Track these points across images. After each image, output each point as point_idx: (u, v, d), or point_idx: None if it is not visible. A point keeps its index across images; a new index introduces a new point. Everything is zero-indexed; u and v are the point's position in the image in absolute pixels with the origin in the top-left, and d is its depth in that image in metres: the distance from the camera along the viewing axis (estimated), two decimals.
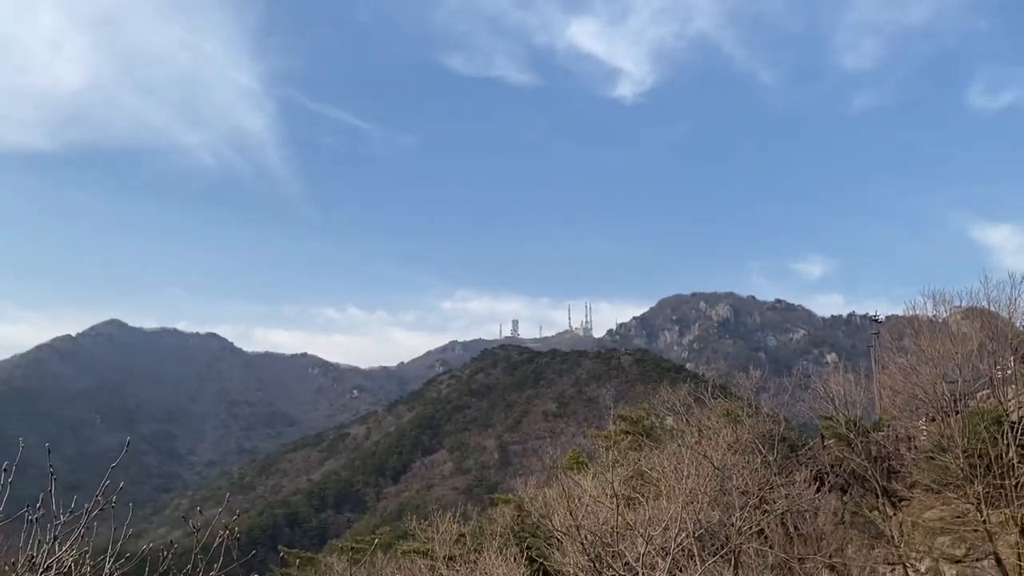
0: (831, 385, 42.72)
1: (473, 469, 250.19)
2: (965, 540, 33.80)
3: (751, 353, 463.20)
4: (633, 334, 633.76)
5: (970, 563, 33.77)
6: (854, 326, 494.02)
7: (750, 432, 36.34)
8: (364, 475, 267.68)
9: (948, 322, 44.81)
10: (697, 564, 24.50)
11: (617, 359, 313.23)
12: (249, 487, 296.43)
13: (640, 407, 58.33)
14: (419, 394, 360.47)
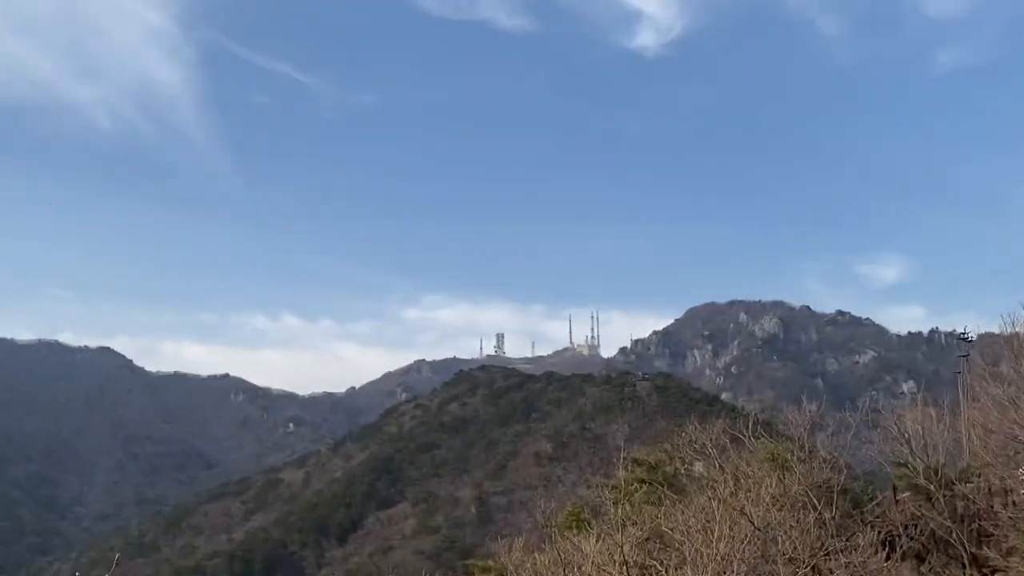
0: (907, 422, 43.02)
1: (443, 527, 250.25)
2: None
3: (805, 379, 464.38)
4: (653, 353, 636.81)
5: None
6: (937, 346, 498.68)
7: (801, 482, 36.54)
8: (302, 534, 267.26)
9: None
10: None
11: (632, 386, 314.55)
12: (152, 548, 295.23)
13: (660, 448, 58.59)
14: (374, 429, 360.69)
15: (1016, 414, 39.04)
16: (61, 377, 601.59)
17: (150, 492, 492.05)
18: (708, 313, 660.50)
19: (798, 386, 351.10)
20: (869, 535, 34.51)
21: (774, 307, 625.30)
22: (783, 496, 34.16)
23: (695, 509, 32.24)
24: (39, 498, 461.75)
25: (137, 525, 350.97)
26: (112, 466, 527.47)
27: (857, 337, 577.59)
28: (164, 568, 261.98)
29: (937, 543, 41.59)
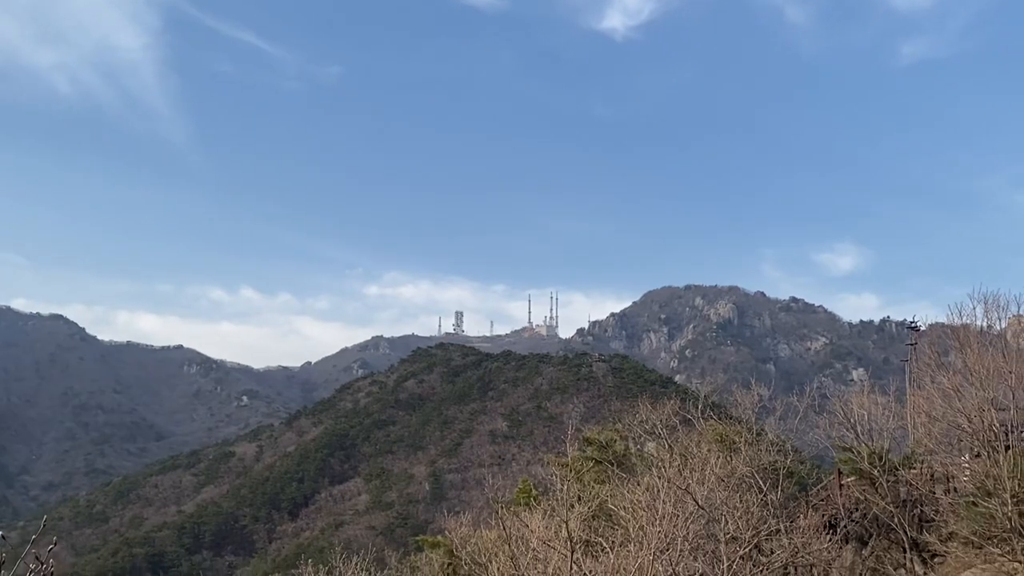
0: (853, 408, 43.46)
1: (396, 504, 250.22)
2: None
3: (758, 364, 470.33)
4: (610, 335, 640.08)
5: None
6: (888, 335, 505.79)
7: (748, 464, 36.90)
8: (253, 507, 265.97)
9: (1004, 334, 45.88)
10: None
11: (588, 366, 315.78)
12: (100, 518, 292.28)
13: (612, 428, 58.90)
14: (329, 404, 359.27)
15: (960, 403, 39.64)
16: (12, 344, 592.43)
17: (100, 462, 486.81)
18: (665, 297, 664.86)
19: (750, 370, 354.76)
20: (812, 517, 34.95)
21: (729, 292, 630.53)
22: (729, 476, 34.46)
23: (642, 487, 32.42)
24: None
25: (86, 495, 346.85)
26: (62, 435, 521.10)
27: (810, 324, 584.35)
28: (113, 538, 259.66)
29: (879, 527, 42.19)
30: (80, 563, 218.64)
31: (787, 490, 40.16)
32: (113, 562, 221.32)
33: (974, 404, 38.13)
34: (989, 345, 41.84)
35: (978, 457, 38.45)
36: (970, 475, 38.69)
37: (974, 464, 38.65)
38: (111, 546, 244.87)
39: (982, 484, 34.25)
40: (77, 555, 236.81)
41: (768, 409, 53.99)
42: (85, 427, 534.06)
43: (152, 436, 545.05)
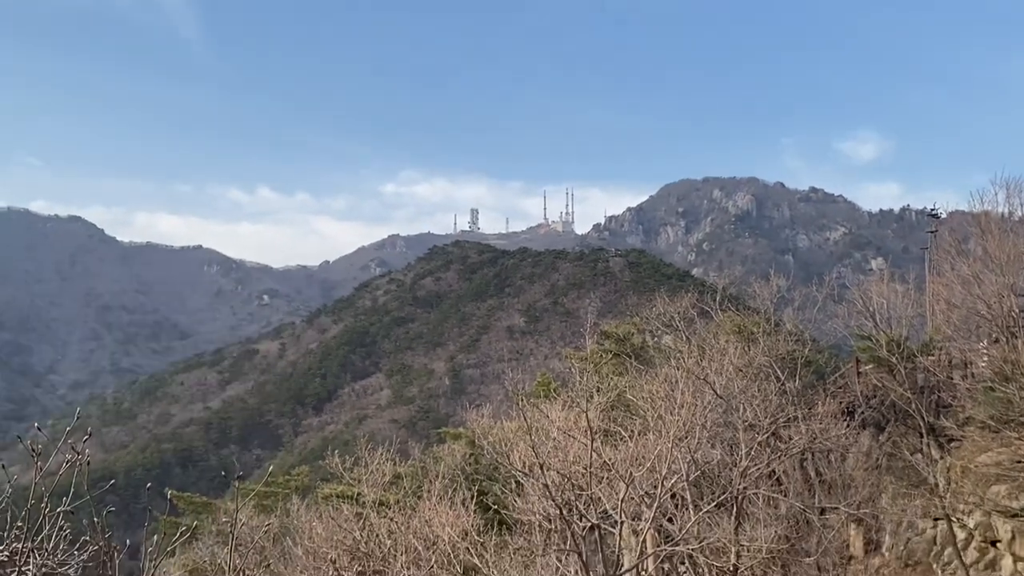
0: (872, 296, 43.39)
1: (417, 398, 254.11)
2: None
3: (776, 256, 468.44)
4: (627, 230, 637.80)
5: None
6: (908, 224, 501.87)
7: (766, 354, 37.08)
8: (277, 403, 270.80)
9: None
10: (690, 513, 25.33)
11: (604, 261, 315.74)
12: (128, 416, 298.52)
13: (629, 321, 59.11)
14: (349, 302, 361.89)
15: (980, 289, 39.52)
16: (32, 247, 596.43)
17: (125, 361, 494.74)
18: (683, 190, 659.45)
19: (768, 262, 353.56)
20: (830, 405, 35.25)
21: (748, 183, 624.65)
22: (747, 367, 34.68)
23: (660, 378, 32.70)
24: (13, 366, 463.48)
25: (113, 393, 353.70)
26: (86, 335, 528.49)
27: (829, 214, 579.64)
28: (141, 435, 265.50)
29: (897, 413, 42.57)
30: (110, 459, 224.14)
31: (805, 379, 40.46)
32: (143, 458, 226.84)
33: (994, 290, 38.00)
34: (1010, 231, 41.48)
35: (996, 343, 38.50)
36: (988, 360, 38.83)
37: (992, 350, 38.74)
38: (140, 442, 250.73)
39: (1000, 369, 34.37)
40: (107, 452, 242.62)
41: (786, 300, 54.01)
42: (109, 327, 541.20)
43: (176, 335, 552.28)
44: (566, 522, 22.93)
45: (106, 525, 7.24)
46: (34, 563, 7.48)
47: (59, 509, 7.67)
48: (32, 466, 7.60)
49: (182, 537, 7.99)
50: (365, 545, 28.68)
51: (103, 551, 7.30)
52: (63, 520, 7.84)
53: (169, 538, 8.13)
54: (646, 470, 23.13)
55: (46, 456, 7.75)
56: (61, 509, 7.67)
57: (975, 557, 37.13)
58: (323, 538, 31.07)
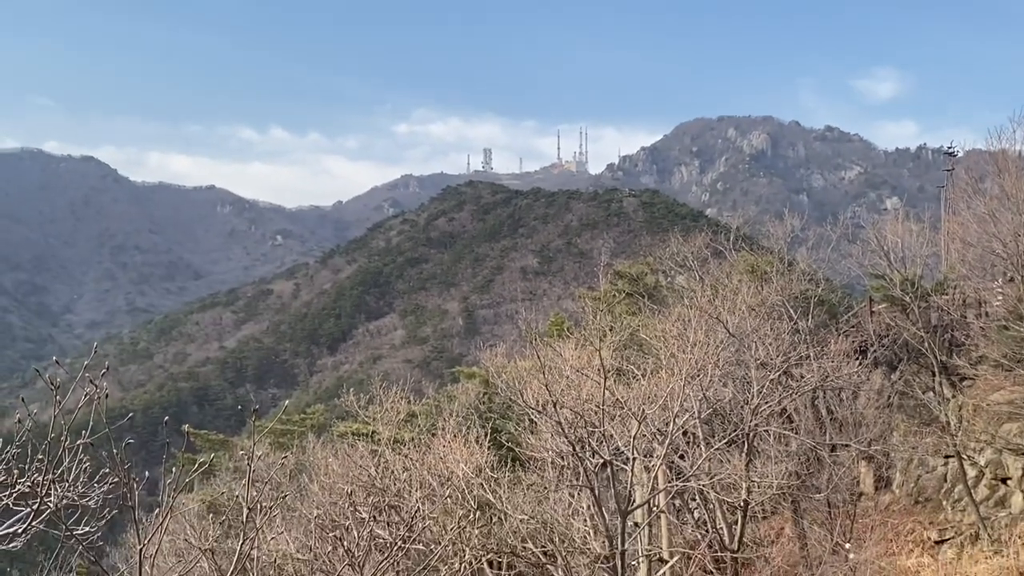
0: (887, 235, 43.19)
1: (431, 338, 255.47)
2: None
3: (790, 195, 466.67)
4: (640, 170, 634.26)
5: None
6: (924, 163, 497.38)
7: (779, 293, 37.04)
8: (293, 343, 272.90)
9: None
10: (702, 450, 25.54)
11: (618, 202, 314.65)
12: (145, 355, 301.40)
13: (643, 262, 59.08)
14: (362, 242, 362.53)
15: (995, 228, 39.26)
16: (45, 187, 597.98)
17: (140, 301, 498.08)
18: (697, 129, 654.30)
19: (783, 202, 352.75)
20: (843, 343, 35.27)
21: (763, 122, 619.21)
22: (760, 306, 34.67)
23: (673, 317, 32.75)
24: (29, 306, 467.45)
25: (129, 333, 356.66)
26: (101, 275, 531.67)
27: (844, 153, 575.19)
28: (158, 374, 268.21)
29: (909, 352, 42.65)
30: (127, 398, 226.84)
31: (818, 318, 40.42)
32: (160, 396, 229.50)
33: (1010, 229, 37.73)
34: None
35: (1011, 282, 38.40)
36: (1002, 299, 38.78)
37: (1007, 288, 38.67)
38: (157, 381, 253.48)
39: (1014, 308, 34.35)
40: (124, 390, 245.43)
41: (800, 240, 53.85)
42: (124, 267, 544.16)
43: (190, 275, 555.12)
44: (579, 459, 23.16)
45: (125, 457, 7.36)
46: (55, 494, 7.61)
47: (79, 442, 7.79)
48: (51, 403, 7.70)
49: (200, 469, 8.12)
50: (380, 481, 29.06)
51: (123, 482, 7.43)
52: (83, 453, 7.96)
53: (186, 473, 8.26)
54: (658, 408, 23.28)
55: (65, 391, 7.84)
56: (81, 442, 7.79)
57: (985, 494, 37.44)
58: (339, 474, 31.48)
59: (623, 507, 21.40)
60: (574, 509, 24.30)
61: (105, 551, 45.84)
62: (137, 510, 7.43)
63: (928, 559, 35.40)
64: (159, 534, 7.86)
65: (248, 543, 7.58)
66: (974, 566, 32.62)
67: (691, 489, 30.83)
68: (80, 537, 7.75)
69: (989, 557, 33.18)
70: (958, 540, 36.15)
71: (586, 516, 24.03)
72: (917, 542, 37.55)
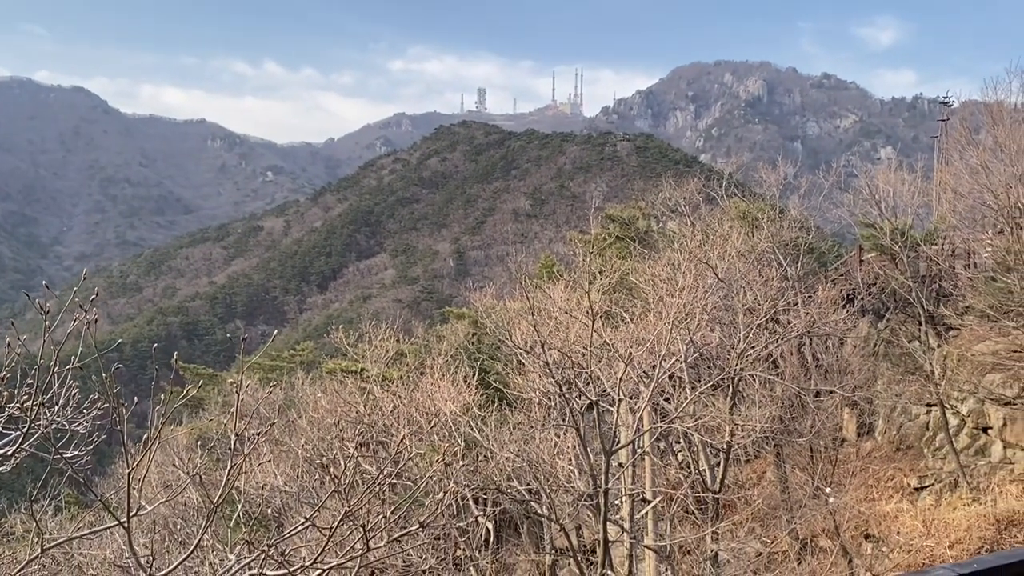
0: (879, 184, 43.15)
1: (421, 278, 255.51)
2: (1019, 379, 35.75)
3: (785, 143, 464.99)
4: (635, 113, 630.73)
5: (1022, 405, 35.95)
6: (920, 113, 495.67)
7: (769, 240, 37.13)
8: (283, 280, 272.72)
9: None
10: (687, 393, 25.79)
11: (612, 145, 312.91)
12: (134, 288, 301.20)
13: (635, 206, 59.03)
14: (353, 181, 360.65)
15: (987, 179, 39.27)
16: (34, 116, 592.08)
17: (130, 234, 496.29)
18: (693, 73, 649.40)
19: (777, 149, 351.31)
20: (830, 291, 35.48)
21: (760, 68, 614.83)
22: (750, 252, 34.77)
23: (663, 262, 32.87)
24: (19, 236, 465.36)
25: (119, 266, 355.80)
26: (91, 207, 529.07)
27: (840, 101, 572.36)
28: (147, 308, 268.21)
29: (897, 301, 42.85)
30: (117, 331, 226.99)
31: (807, 265, 40.58)
32: (149, 330, 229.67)
33: (1001, 180, 37.75)
34: (1022, 121, 41.03)
35: (1001, 233, 38.50)
36: (991, 251, 38.91)
37: (996, 240, 38.78)
38: (146, 315, 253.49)
39: (1003, 259, 34.49)
40: (113, 323, 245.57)
41: (792, 187, 53.85)
42: (113, 200, 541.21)
43: (180, 209, 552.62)
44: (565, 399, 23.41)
45: (114, 382, 7.41)
46: (44, 419, 7.68)
47: (68, 367, 7.83)
48: (41, 333, 7.71)
49: (187, 395, 8.18)
50: (368, 417, 29.35)
51: (112, 408, 7.49)
52: (72, 380, 8.00)
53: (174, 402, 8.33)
54: (645, 351, 23.47)
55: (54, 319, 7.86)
56: (70, 367, 7.83)
57: (966, 443, 37.93)
58: (327, 410, 31.77)
59: (608, 447, 21.67)
60: (559, 449, 24.57)
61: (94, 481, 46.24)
62: (125, 436, 7.50)
63: (907, 505, 35.94)
64: (147, 460, 7.94)
65: (235, 471, 7.67)
66: (952, 513, 33.11)
67: (675, 431, 31.22)
68: (69, 460, 7.83)
69: (967, 504, 33.67)
70: (937, 487, 36.68)
71: (571, 456, 24.33)
72: (897, 488, 38.11)
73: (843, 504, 31.09)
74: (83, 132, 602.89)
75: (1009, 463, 35.90)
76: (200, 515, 23.10)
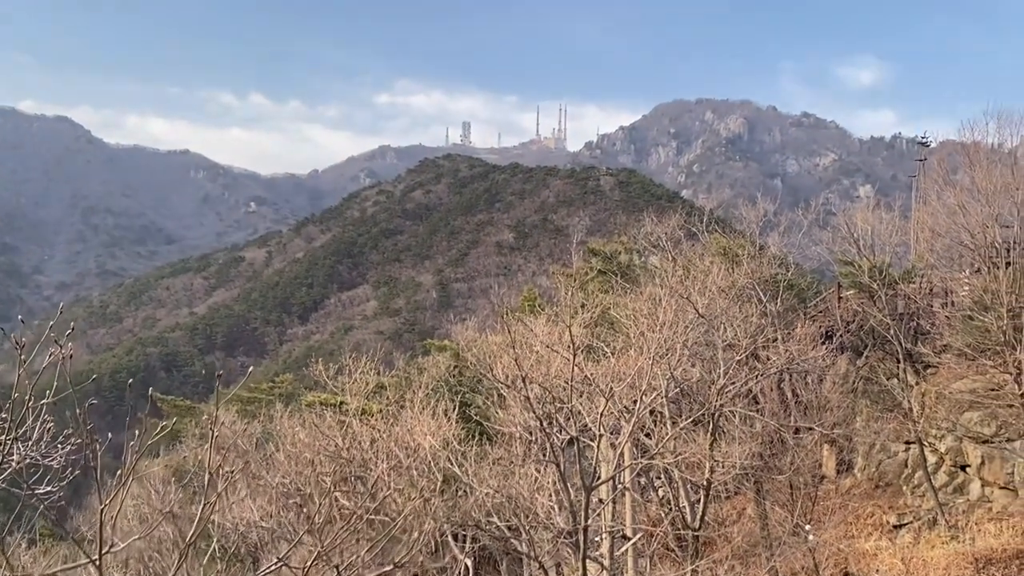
0: (857, 222, 43.47)
1: (403, 310, 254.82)
2: (997, 417, 35.91)
3: (765, 180, 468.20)
4: (618, 149, 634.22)
5: (999, 444, 36.07)
6: (898, 152, 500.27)
7: (749, 276, 37.25)
8: (264, 311, 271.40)
9: (1015, 151, 45.41)
10: (668, 428, 25.73)
11: (595, 180, 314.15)
12: (114, 318, 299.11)
13: (617, 240, 59.24)
14: (337, 212, 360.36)
15: (964, 219, 39.68)
16: (17, 146, 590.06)
17: (111, 264, 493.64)
18: (676, 111, 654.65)
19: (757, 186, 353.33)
20: (810, 328, 35.59)
21: (741, 106, 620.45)
22: (730, 288, 34.86)
23: (644, 297, 32.92)
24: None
25: (99, 296, 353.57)
26: (73, 237, 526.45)
27: (820, 139, 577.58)
28: (127, 338, 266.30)
29: (875, 339, 43.02)
30: (96, 361, 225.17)
31: (786, 302, 40.71)
32: (128, 360, 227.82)
33: (978, 220, 38.17)
34: (998, 162, 41.51)
35: (978, 272, 38.80)
36: (969, 290, 39.16)
37: (973, 279, 39.05)
38: (125, 345, 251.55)
39: (980, 298, 34.69)
40: (92, 353, 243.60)
41: (772, 224, 54.12)
42: (95, 229, 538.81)
43: (162, 240, 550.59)
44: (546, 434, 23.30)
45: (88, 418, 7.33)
46: (17, 454, 7.59)
47: (43, 402, 7.75)
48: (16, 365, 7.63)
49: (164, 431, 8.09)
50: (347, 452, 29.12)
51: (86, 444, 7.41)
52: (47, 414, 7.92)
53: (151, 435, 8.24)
54: (626, 386, 23.44)
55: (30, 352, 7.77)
56: (45, 402, 7.75)
57: (944, 481, 38.00)
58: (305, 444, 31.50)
59: (588, 483, 21.57)
60: (539, 484, 24.44)
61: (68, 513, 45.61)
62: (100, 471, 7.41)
63: (886, 542, 35.91)
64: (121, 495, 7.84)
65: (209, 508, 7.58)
66: (931, 551, 33.10)
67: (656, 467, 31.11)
68: (42, 496, 7.73)
69: (946, 542, 33.68)
70: (916, 525, 36.68)
71: (551, 491, 24.19)
72: (876, 526, 38.08)
73: (823, 541, 31.03)
74: (66, 162, 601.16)
75: (987, 501, 35.97)
76: (175, 549, 22.82)
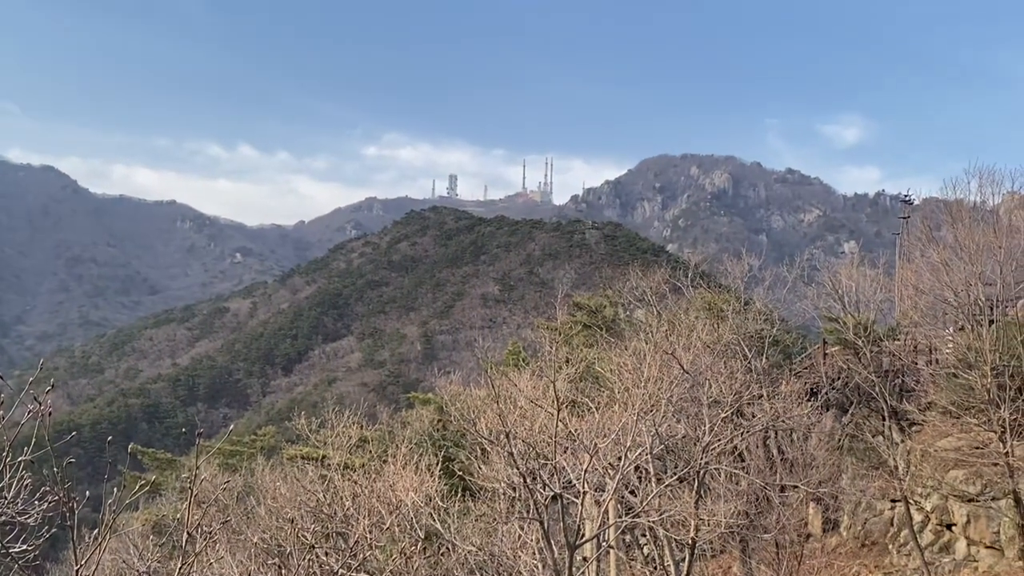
0: (842, 279, 43.74)
1: (388, 362, 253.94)
2: (982, 475, 35.90)
3: (750, 235, 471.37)
4: (604, 203, 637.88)
5: (985, 502, 36.01)
6: (882, 209, 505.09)
7: (734, 331, 37.33)
8: (247, 362, 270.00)
9: (996, 210, 45.94)
10: (653, 485, 25.59)
11: (581, 233, 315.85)
12: (96, 369, 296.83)
13: (603, 294, 59.35)
14: (322, 263, 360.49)
15: (948, 277, 39.96)
16: (3, 195, 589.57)
17: (94, 314, 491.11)
18: (661, 165, 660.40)
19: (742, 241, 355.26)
20: (795, 384, 35.64)
21: (726, 162, 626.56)
22: (715, 343, 34.91)
23: (629, 351, 32.90)
24: None
25: (81, 346, 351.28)
26: (56, 287, 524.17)
27: (804, 196, 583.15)
28: (108, 389, 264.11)
29: (860, 396, 43.06)
30: (76, 412, 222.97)
31: (771, 358, 40.74)
32: (109, 411, 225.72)
33: (961, 278, 38.45)
34: (981, 220, 41.96)
35: (962, 330, 38.98)
36: (953, 347, 39.31)
37: (957, 337, 39.22)
38: (107, 396, 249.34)
39: (964, 356, 34.83)
40: (73, 404, 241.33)
41: (757, 279, 54.34)
42: (79, 279, 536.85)
43: (146, 290, 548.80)
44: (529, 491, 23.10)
45: (66, 475, 7.26)
46: None
47: (20, 459, 7.67)
48: None
49: (143, 490, 8.01)
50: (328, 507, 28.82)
51: (63, 502, 7.33)
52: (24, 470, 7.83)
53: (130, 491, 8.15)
54: (611, 442, 23.32)
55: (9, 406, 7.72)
56: (22, 459, 7.67)
57: (930, 539, 37.85)
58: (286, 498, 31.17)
59: (572, 541, 21.38)
60: (523, 542, 24.21)
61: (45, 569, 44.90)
62: (76, 530, 7.32)
63: None
64: (97, 554, 7.74)
65: (187, 566, 7.49)
66: None
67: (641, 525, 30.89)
68: (17, 556, 7.62)
69: None
70: None
71: (534, 549, 23.96)
72: None
73: None
74: (51, 211, 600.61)
75: (973, 560, 35.82)
76: None
